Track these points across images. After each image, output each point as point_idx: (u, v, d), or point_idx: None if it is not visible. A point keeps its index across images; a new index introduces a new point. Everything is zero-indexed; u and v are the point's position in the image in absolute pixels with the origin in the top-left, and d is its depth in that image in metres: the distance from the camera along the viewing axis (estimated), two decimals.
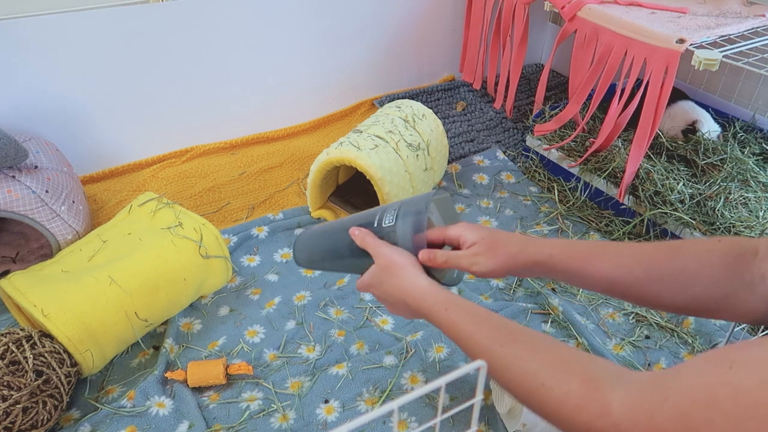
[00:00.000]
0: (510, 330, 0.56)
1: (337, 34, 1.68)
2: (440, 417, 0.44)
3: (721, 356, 0.41)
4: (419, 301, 0.63)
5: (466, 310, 0.60)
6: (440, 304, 0.62)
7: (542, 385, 0.50)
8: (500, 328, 0.57)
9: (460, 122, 1.74)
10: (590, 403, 0.46)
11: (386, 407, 0.37)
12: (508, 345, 0.54)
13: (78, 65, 1.35)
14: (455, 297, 0.62)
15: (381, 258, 0.68)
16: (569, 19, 1.40)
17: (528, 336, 0.55)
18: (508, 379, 0.54)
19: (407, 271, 0.65)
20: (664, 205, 1.25)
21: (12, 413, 0.82)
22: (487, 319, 0.58)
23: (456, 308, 0.61)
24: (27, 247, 1.22)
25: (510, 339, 0.55)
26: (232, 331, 1.08)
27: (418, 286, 0.64)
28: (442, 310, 0.61)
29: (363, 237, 0.71)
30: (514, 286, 1.18)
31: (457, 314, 0.60)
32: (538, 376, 0.50)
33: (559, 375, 0.49)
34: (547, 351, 0.53)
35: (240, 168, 1.55)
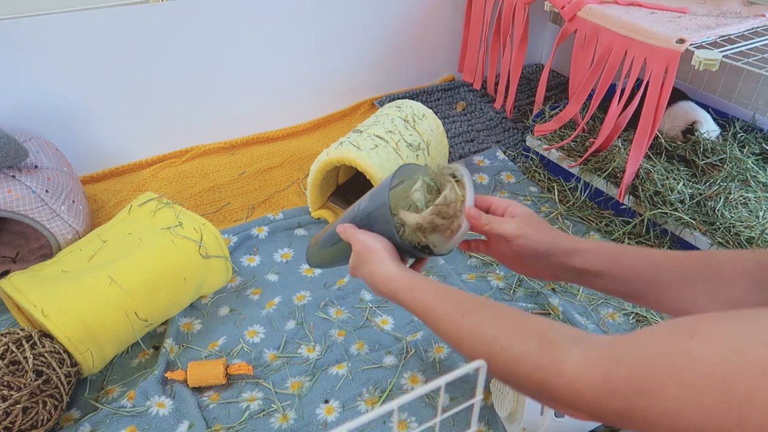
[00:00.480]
0: (472, 301, 0.58)
1: (337, 34, 1.68)
2: (440, 417, 0.44)
3: (685, 326, 0.41)
4: (387, 284, 0.65)
5: (430, 288, 0.62)
6: (405, 287, 0.63)
7: (501, 348, 0.50)
8: (462, 300, 0.58)
9: (460, 122, 1.74)
10: (546, 362, 0.46)
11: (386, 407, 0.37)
12: (469, 315, 0.55)
13: (78, 65, 1.35)
14: (421, 278, 0.64)
15: (356, 244, 0.70)
16: (569, 19, 1.40)
17: (489, 305, 0.56)
18: (469, 346, 0.54)
19: (377, 257, 0.67)
20: (664, 205, 1.25)
21: (12, 413, 0.82)
22: (449, 294, 0.60)
23: (420, 288, 0.62)
24: (27, 247, 1.22)
25: (471, 309, 0.56)
26: (232, 331, 1.08)
27: (386, 271, 0.65)
28: (407, 291, 0.63)
29: (344, 230, 0.73)
30: (514, 286, 1.18)
31: (421, 293, 0.61)
32: (497, 339, 0.51)
33: (518, 337, 0.50)
34: (507, 316, 0.53)
35: (240, 168, 1.55)
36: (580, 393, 0.44)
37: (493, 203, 0.70)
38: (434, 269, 1.21)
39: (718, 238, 1.17)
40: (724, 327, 0.38)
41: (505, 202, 0.69)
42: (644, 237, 1.29)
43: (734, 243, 1.15)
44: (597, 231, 1.34)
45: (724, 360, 0.36)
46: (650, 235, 1.29)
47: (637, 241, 1.29)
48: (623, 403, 0.41)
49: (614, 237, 1.31)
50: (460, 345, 0.56)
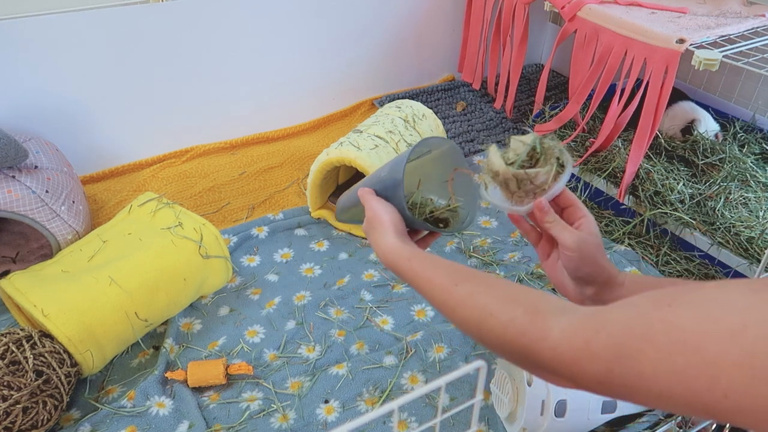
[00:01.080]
0: (467, 272, 0.59)
1: (337, 34, 1.68)
2: (440, 417, 0.44)
3: (664, 295, 0.42)
4: (387, 254, 0.66)
5: (427, 259, 0.63)
6: (404, 257, 0.64)
7: (490, 315, 0.52)
8: (458, 271, 0.59)
9: (460, 122, 1.74)
10: (532, 328, 0.48)
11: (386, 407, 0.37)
12: (463, 283, 0.57)
13: (78, 65, 1.35)
14: (420, 251, 0.65)
15: (368, 211, 0.72)
16: (569, 19, 1.40)
17: (484, 276, 0.58)
18: (461, 312, 0.56)
19: (383, 227, 0.68)
20: (664, 205, 1.25)
21: (12, 413, 0.82)
22: (446, 265, 0.61)
23: (418, 259, 0.63)
24: (27, 247, 1.22)
25: (465, 278, 0.57)
26: (232, 331, 1.08)
27: (386, 242, 0.67)
28: (404, 261, 0.64)
29: (363, 194, 0.74)
30: None
31: (419, 263, 0.63)
32: (487, 307, 0.53)
33: (507, 305, 0.52)
34: (500, 286, 0.55)
35: (240, 168, 1.55)
36: (562, 358, 0.45)
37: (572, 207, 0.69)
38: None
39: (718, 238, 1.17)
40: (701, 295, 0.39)
41: (582, 212, 0.68)
42: (644, 237, 1.29)
43: (734, 243, 1.15)
44: None
45: (698, 326, 0.37)
46: (650, 235, 1.29)
47: (637, 242, 1.29)
48: (603, 368, 0.42)
49: (614, 237, 1.31)
50: (453, 312, 0.57)
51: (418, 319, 1.10)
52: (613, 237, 1.31)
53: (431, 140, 0.75)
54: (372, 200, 0.72)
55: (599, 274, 0.66)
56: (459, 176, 0.78)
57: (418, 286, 0.63)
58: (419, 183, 0.79)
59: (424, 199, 0.77)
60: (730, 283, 0.39)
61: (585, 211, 0.68)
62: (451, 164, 0.78)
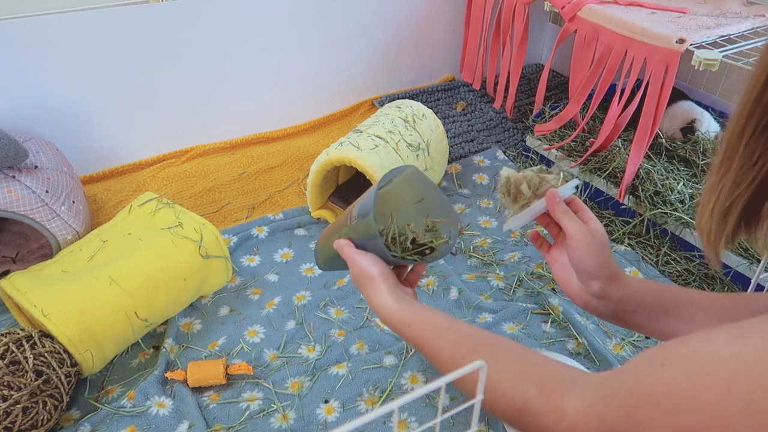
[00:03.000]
0: (472, 340, 0.58)
1: (337, 34, 1.68)
2: (440, 417, 0.44)
3: (657, 353, 0.43)
4: (384, 318, 0.65)
5: (428, 324, 0.61)
6: (403, 322, 0.63)
7: (502, 396, 0.52)
8: (462, 339, 0.58)
9: (460, 122, 1.74)
10: (548, 409, 0.49)
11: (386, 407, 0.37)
12: (470, 356, 0.56)
13: (78, 65, 1.35)
14: (417, 311, 0.63)
15: (352, 267, 0.69)
16: (569, 19, 1.40)
17: (490, 346, 0.57)
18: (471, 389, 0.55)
19: (374, 285, 0.66)
20: (664, 205, 1.25)
21: (12, 413, 0.82)
22: (448, 331, 0.60)
23: (418, 324, 0.62)
24: (27, 247, 1.22)
25: (471, 350, 0.57)
26: (232, 331, 1.08)
27: (381, 304, 0.65)
28: (405, 327, 0.63)
29: (341, 247, 0.71)
30: (514, 286, 1.18)
31: (419, 330, 0.61)
32: (498, 387, 0.53)
33: (518, 384, 0.52)
34: (508, 359, 0.54)
35: (240, 168, 1.55)
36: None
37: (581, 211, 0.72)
38: (434, 269, 1.21)
39: None
40: (688, 350, 0.41)
41: (590, 216, 0.71)
42: (644, 237, 1.29)
43: None
44: None
45: (694, 381, 0.38)
46: (650, 235, 1.29)
47: (637, 241, 1.29)
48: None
49: (614, 237, 1.31)
50: (463, 386, 0.57)
51: None
52: (613, 237, 1.31)
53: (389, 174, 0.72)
54: (353, 254, 0.69)
55: (604, 268, 0.67)
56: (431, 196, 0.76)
57: (423, 353, 0.62)
58: (391, 215, 0.76)
59: (401, 227, 0.74)
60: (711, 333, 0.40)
61: (593, 215, 0.72)
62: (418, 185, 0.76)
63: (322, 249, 0.82)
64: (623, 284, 0.68)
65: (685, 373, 0.39)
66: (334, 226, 0.80)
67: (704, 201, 0.48)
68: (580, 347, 1.04)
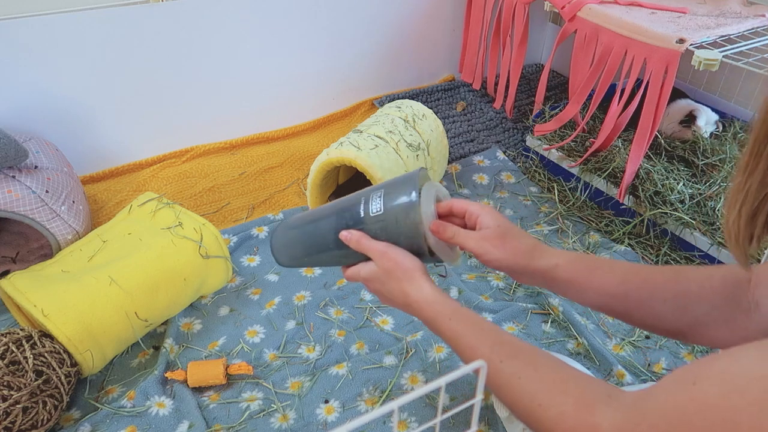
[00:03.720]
0: (511, 346, 0.57)
1: (337, 34, 1.68)
2: (440, 417, 0.44)
3: (687, 373, 0.43)
4: (424, 308, 0.64)
5: (470, 321, 0.60)
6: (444, 314, 0.62)
7: (539, 405, 0.52)
8: (502, 343, 0.58)
9: (460, 122, 1.74)
10: (582, 424, 0.49)
11: (386, 407, 0.37)
12: (508, 361, 0.56)
13: (78, 65, 1.35)
14: (459, 307, 0.63)
15: (385, 261, 0.66)
16: (569, 19, 1.40)
17: (528, 353, 0.56)
18: (506, 394, 0.55)
19: (414, 276, 0.64)
20: (664, 205, 1.25)
21: (12, 413, 0.82)
22: (489, 333, 0.59)
23: (459, 318, 0.61)
24: (27, 247, 1.22)
25: (510, 355, 0.56)
26: (232, 331, 1.08)
27: (425, 294, 0.64)
28: (445, 320, 0.62)
29: (358, 240, 0.68)
30: (514, 286, 1.18)
31: (461, 325, 0.60)
32: (536, 395, 0.52)
33: (556, 396, 0.51)
34: (547, 371, 0.54)
35: (240, 168, 1.55)
36: None
37: (467, 211, 0.68)
38: (434, 269, 1.21)
39: (718, 238, 1.17)
40: (718, 369, 0.41)
41: (476, 210, 0.68)
42: (644, 237, 1.29)
43: None
44: (597, 231, 1.34)
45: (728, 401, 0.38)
46: (650, 235, 1.29)
47: (637, 241, 1.29)
48: None
49: (614, 237, 1.31)
50: (497, 390, 0.56)
51: (418, 319, 1.10)
52: (613, 237, 1.31)
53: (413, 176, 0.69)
54: (379, 245, 0.66)
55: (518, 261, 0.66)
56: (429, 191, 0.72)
57: (457, 349, 0.61)
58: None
59: None
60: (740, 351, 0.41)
61: (478, 207, 0.68)
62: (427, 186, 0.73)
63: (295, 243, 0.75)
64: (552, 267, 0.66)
65: (717, 392, 0.39)
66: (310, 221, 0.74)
67: (731, 201, 0.47)
68: (580, 347, 1.04)
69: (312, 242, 0.73)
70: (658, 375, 1.00)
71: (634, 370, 1.00)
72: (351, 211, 0.70)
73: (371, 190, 0.70)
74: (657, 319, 0.63)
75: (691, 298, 0.61)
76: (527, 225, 1.36)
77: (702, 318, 0.61)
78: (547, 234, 1.34)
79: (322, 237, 0.72)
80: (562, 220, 1.38)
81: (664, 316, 0.63)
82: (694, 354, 1.04)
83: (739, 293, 0.60)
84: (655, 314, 0.63)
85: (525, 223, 1.37)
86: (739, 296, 0.60)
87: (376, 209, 0.67)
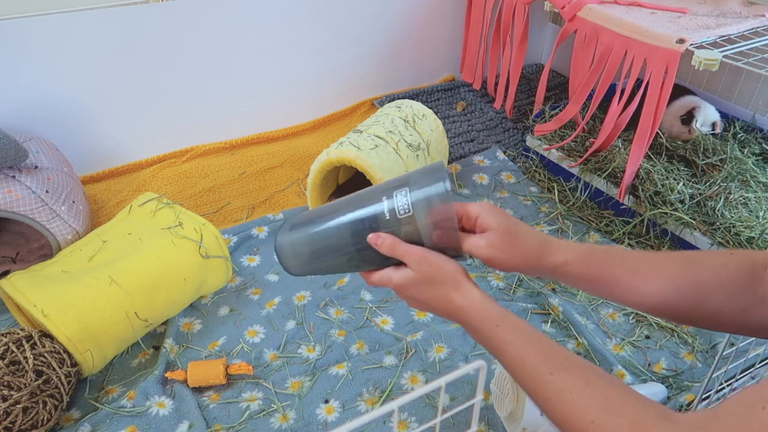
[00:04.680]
0: (562, 358, 0.55)
1: (337, 34, 1.68)
2: (440, 417, 0.44)
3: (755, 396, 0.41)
4: (470, 314, 0.61)
5: (519, 330, 0.58)
6: (491, 321, 0.59)
7: (591, 422, 0.50)
8: (553, 354, 0.55)
9: (460, 122, 1.74)
10: None
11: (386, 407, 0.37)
12: (560, 373, 0.53)
13: (78, 65, 1.35)
14: (507, 313, 0.60)
15: (425, 266, 0.62)
16: (569, 19, 1.40)
17: (580, 367, 0.54)
18: (555, 408, 0.53)
19: (459, 281, 0.61)
20: (664, 205, 1.25)
21: (12, 413, 0.82)
22: (538, 343, 0.57)
23: (508, 327, 0.58)
24: (27, 247, 1.22)
25: (562, 367, 0.54)
26: (232, 331, 1.08)
27: (472, 300, 0.61)
28: (492, 327, 0.59)
29: (392, 245, 0.62)
30: (514, 286, 1.18)
31: (509, 333, 0.58)
32: (589, 412, 0.50)
33: (611, 415, 0.49)
34: (600, 387, 0.52)
35: (240, 168, 1.55)
36: None
37: (467, 212, 0.65)
38: None
39: (718, 238, 1.17)
40: None
41: (475, 211, 0.64)
42: (644, 237, 1.29)
43: (734, 243, 1.15)
44: (597, 231, 1.34)
45: None
46: (650, 235, 1.29)
47: (637, 241, 1.29)
48: None
49: (614, 237, 1.31)
50: (545, 403, 0.54)
51: (418, 319, 1.10)
52: (613, 237, 1.31)
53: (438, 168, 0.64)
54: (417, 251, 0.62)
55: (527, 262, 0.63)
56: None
57: (503, 359, 0.58)
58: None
59: None
60: None
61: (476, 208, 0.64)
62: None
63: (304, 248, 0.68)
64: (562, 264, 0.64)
65: None
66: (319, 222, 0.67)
67: None
68: (580, 347, 1.04)
69: (325, 246, 0.67)
70: (658, 375, 1.00)
71: (634, 370, 1.00)
72: (373, 212, 0.64)
73: (390, 186, 0.64)
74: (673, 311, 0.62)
75: (706, 288, 0.59)
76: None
77: (717, 308, 0.59)
78: (547, 234, 1.33)
79: (337, 240, 0.66)
80: (562, 220, 1.38)
81: (680, 307, 0.61)
82: (694, 354, 1.04)
83: (755, 282, 0.58)
84: (672, 306, 0.61)
85: (525, 222, 1.36)
86: (755, 285, 0.58)
87: (403, 208, 0.62)
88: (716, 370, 0.80)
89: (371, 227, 0.63)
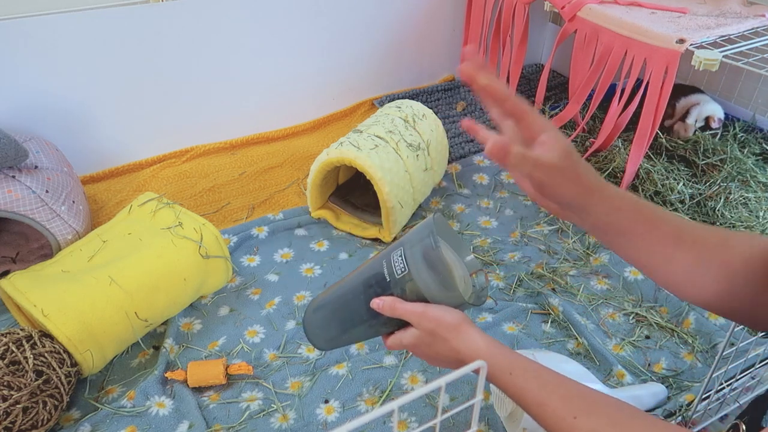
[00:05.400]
0: (583, 399, 0.54)
1: (337, 34, 1.68)
2: (440, 417, 0.44)
3: None
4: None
5: (532, 374, 0.57)
6: (503, 369, 0.58)
7: None
8: (572, 397, 0.54)
9: (460, 122, 1.74)
10: None
11: (386, 407, 0.37)
12: (584, 417, 0.52)
13: (78, 65, 1.35)
14: (517, 358, 0.59)
15: (426, 322, 0.62)
16: (569, 19, 1.40)
17: (603, 406, 0.53)
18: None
19: (464, 332, 0.61)
20: (664, 205, 1.25)
21: (12, 413, 0.82)
22: (556, 387, 0.56)
23: (520, 372, 0.57)
24: (27, 247, 1.22)
25: (585, 410, 0.53)
26: (232, 331, 1.08)
27: (477, 348, 0.60)
28: (505, 374, 0.58)
29: (392, 306, 0.63)
30: (514, 286, 1.18)
31: (522, 380, 0.57)
32: None
33: None
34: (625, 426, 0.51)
35: (240, 168, 1.55)
36: None
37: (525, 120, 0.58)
38: None
39: None
40: None
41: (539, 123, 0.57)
42: None
43: None
44: None
45: None
46: None
47: None
48: None
49: None
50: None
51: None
52: None
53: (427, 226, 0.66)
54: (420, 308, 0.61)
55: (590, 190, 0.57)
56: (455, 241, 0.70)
57: (523, 404, 0.57)
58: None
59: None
60: None
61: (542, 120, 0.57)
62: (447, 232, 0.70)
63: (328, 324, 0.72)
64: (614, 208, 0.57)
65: None
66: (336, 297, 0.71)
67: None
68: (580, 347, 1.04)
69: (344, 319, 0.70)
70: (658, 375, 1.00)
71: (634, 370, 1.00)
72: (376, 278, 0.66)
73: (391, 249, 0.67)
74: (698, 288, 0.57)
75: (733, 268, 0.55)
76: (527, 225, 1.36)
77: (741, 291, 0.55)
78: (547, 234, 1.34)
79: (353, 311, 0.69)
80: (562, 220, 1.38)
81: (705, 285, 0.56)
82: (694, 354, 1.04)
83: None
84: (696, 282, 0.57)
85: (525, 222, 1.37)
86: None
87: (400, 269, 0.64)
88: (716, 370, 0.80)
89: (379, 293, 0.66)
